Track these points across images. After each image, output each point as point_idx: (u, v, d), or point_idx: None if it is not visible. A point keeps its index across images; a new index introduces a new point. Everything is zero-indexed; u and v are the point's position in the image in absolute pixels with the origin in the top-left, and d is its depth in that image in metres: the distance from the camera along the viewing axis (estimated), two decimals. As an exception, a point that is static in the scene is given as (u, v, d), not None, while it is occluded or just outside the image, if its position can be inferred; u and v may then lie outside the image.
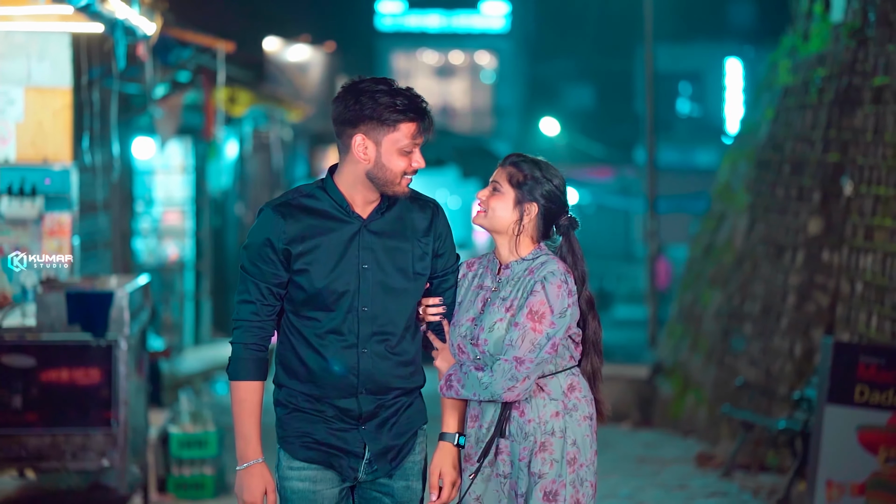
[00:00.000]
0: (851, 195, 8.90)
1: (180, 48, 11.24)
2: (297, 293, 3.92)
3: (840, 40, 9.72)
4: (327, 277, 3.90)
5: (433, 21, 43.09)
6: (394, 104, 3.87)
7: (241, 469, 3.94)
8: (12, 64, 8.71)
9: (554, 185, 3.97)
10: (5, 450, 6.82)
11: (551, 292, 3.86)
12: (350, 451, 3.96)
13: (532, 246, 4.00)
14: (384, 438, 3.98)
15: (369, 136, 3.89)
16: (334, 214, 3.95)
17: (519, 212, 3.97)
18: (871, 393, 7.29)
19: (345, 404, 3.94)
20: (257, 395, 3.94)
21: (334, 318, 3.92)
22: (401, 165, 3.91)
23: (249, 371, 3.93)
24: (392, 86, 3.90)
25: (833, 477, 7.32)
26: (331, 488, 3.98)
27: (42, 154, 8.74)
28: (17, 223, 8.45)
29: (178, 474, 8.69)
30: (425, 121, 3.92)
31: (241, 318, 3.94)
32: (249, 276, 3.94)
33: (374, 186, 3.94)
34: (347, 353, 3.93)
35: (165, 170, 15.48)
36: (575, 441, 3.88)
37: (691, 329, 12.64)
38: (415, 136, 3.90)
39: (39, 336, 6.94)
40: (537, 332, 3.84)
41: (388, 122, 3.87)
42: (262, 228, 3.94)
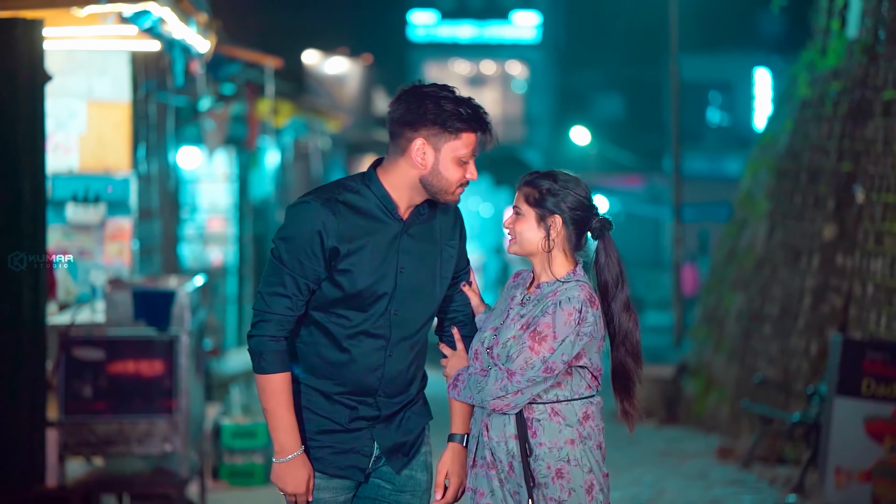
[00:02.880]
0: (863, 202, 9.41)
1: (228, 63, 11.85)
2: (334, 292, 3.84)
3: (853, 56, 10.23)
4: (368, 279, 3.83)
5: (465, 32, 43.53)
6: (458, 112, 3.80)
7: (282, 462, 3.86)
8: (75, 79, 9.35)
9: (572, 192, 3.90)
10: (77, 436, 7.37)
11: (559, 318, 3.79)
12: (359, 450, 3.93)
13: (567, 263, 3.94)
14: (394, 436, 3.96)
15: (429, 141, 3.82)
16: (378, 215, 3.87)
17: (544, 228, 3.90)
18: (877, 386, 7.82)
19: (362, 404, 3.91)
20: (290, 386, 3.86)
21: (367, 319, 3.86)
22: (456, 175, 3.85)
23: (283, 363, 3.84)
24: (456, 93, 3.84)
25: (842, 464, 7.84)
26: (343, 495, 3.96)
27: (103, 164, 9.36)
28: (81, 228, 9.09)
29: (230, 463, 9.29)
30: (486, 133, 3.86)
31: (274, 312, 3.82)
32: (287, 269, 3.81)
33: (425, 192, 3.88)
34: (376, 354, 3.89)
35: (210, 178, 16.12)
36: (591, 469, 3.87)
37: (714, 331, 13.19)
38: (474, 147, 3.84)
39: (108, 331, 7.52)
40: (534, 351, 3.78)
41: (452, 129, 3.80)
42: (308, 222, 3.80)
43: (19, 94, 6.90)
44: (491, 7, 43.57)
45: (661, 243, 40.38)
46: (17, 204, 6.86)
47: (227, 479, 9.27)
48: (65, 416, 7.33)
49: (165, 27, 8.30)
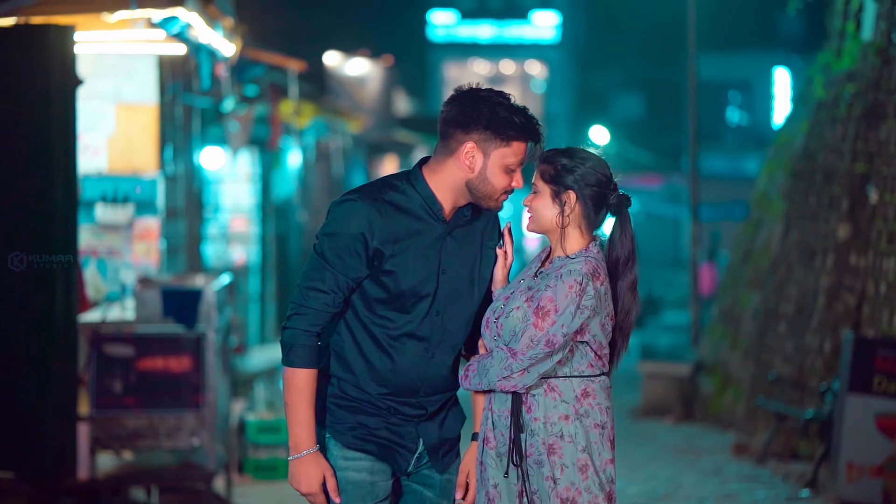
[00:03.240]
0: (876, 203, 9.56)
1: (252, 65, 12.06)
2: (378, 292, 3.82)
3: (868, 58, 10.38)
4: (412, 280, 3.82)
5: (485, 32, 43.70)
6: (512, 120, 3.78)
7: (295, 458, 3.81)
8: (104, 82, 9.57)
9: (588, 167, 3.84)
10: (107, 430, 7.59)
11: (560, 290, 3.75)
12: (404, 444, 3.90)
13: (581, 240, 3.88)
14: (438, 433, 3.94)
15: (480, 145, 3.80)
16: (422, 215, 3.85)
17: (558, 204, 3.85)
18: (888, 383, 7.98)
19: (405, 404, 3.88)
20: (315, 383, 3.82)
21: (410, 320, 3.84)
22: (503, 182, 3.83)
23: (312, 359, 3.80)
24: (512, 101, 3.82)
25: (853, 460, 8.01)
26: (385, 480, 3.91)
27: (131, 165, 9.58)
28: (110, 228, 9.31)
29: (255, 457, 9.50)
30: (537, 144, 3.85)
31: (311, 307, 3.79)
32: (329, 265, 3.79)
33: (469, 196, 3.86)
34: (419, 356, 3.87)
35: (233, 178, 16.34)
36: (585, 448, 3.79)
37: (731, 329, 13.35)
38: (523, 156, 3.83)
39: (137, 328, 7.74)
40: (538, 328, 3.74)
41: (503, 136, 3.78)
42: (353, 220, 3.79)
43: (52, 97, 7.11)
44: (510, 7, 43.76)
45: (679, 242, 40.46)
46: (49, 205, 7.07)
47: (252, 473, 9.48)
48: (96, 411, 7.56)
49: (192, 32, 8.51)
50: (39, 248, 6.99)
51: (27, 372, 7.02)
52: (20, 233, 6.99)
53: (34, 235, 7.02)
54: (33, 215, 7.04)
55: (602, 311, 3.82)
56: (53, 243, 7.07)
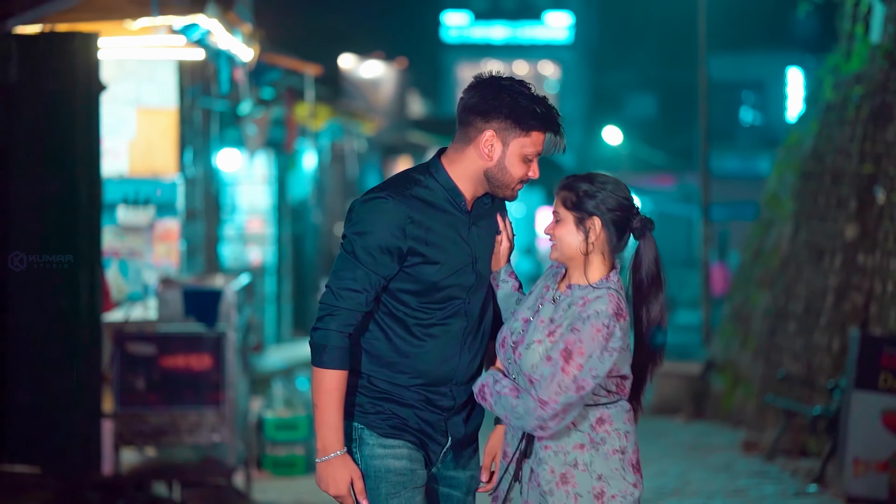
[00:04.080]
0: (884, 203, 9.72)
1: (269, 69, 12.26)
2: (410, 286, 3.80)
3: (876, 61, 10.52)
4: (442, 272, 3.80)
5: (498, 33, 43.83)
6: (533, 109, 3.76)
7: (324, 461, 3.77)
8: (125, 87, 9.77)
9: (608, 191, 3.76)
10: (131, 427, 7.80)
11: (587, 333, 3.66)
12: (434, 437, 3.88)
13: (603, 267, 3.80)
14: (464, 428, 3.93)
15: (499, 134, 3.78)
16: (447, 207, 3.84)
17: (583, 231, 3.77)
18: (893, 380, 8.14)
19: (438, 393, 3.86)
20: (345, 385, 3.78)
21: (443, 312, 3.83)
22: (520, 172, 3.82)
23: (344, 360, 3.76)
24: (532, 90, 3.80)
25: (860, 455, 8.16)
26: (422, 469, 3.87)
27: (151, 168, 9.78)
28: (131, 230, 9.51)
29: (273, 454, 9.70)
30: (557, 135, 3.82)
31: (343, 307, 3.75)
32: (362, 265, 3.75)
33: (487, 185, 3.85)
34: (453, 344, 3.86)
35: (249, 180, 16.55)
36: (601, 476, 3.71)
37: (741, 328, 13.52)
38: (542, 147, 3.81)
39: (159, 327, 7.93)
40: (565, 373, 3.64)
41: (524, 126, 3.77)
42: (385, 218, 3.76)
43: (77, 103, 7.31)
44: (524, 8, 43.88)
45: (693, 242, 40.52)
46: (74, 207, 7.26)
47: (271, 469, 9.67)
48: (119, 408, 7.76)
49: (212, 38, 8.71)
50: (64, 250, 7.18)
51: (53, 370, 7.22)
52: (46, 234, 7.19)
53: (59, 237, 7.21)
54: (59, 217, 7.23)
55: (626, 347, 3.75)
56: (78, 245, 7.27)
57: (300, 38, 16.84)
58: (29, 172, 7.18)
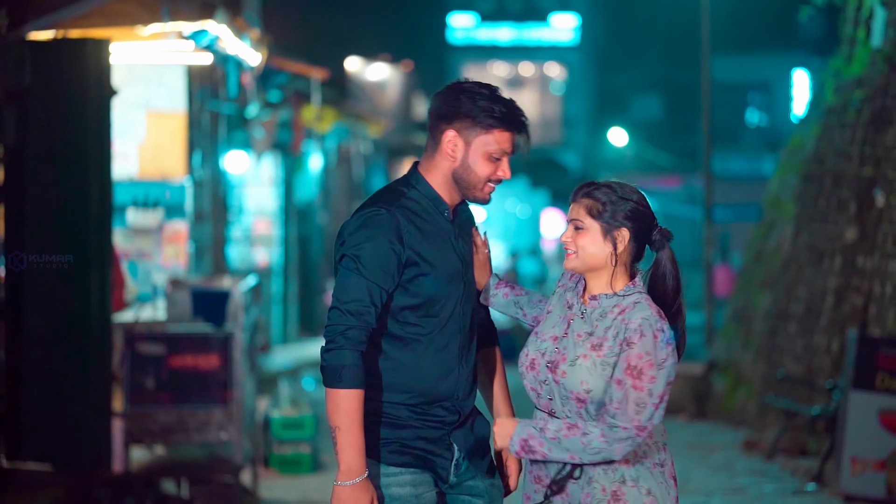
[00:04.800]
0: (883, 206, 9.84)
1: (276, 73, 12.41)
2: (406, 300, 3.77)
3: (876, 65, 10.65)
4: (438, 283, 3.80)
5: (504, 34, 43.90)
6: (492, 108, 3.78)
7: (346, 485, 3.67)
8: (134, 91, 9.92)
9: (635, 202, 3.71)
10: (140, 425, 7.93)
11: (649, 344, 3.58)
12: (439, 453, 3.83)
13: (625, 276, 3.74)
14: (471, 436, 3.89)
15: (461, 134, 3.80)
16: (433, 217, 3.84)
17: (611, 242, 3.70)
18: (891, 380, 8.28)
19: (441, 408, 3.83)
20: (363, 404, 3.71)
21: (438, 323, 3.80)
22: (486, 171, 3.81)
23: (360, 379, 3.69)
24: (495, 92, 3.82)
25: (857, 454, 8.29)
26: (430, 491, 3.82)
27: (160, 170, 9.93)
28: (141, 232, 9.66)
29: (279, 452, 9.84)
30: (521, 134, 3.84)
31: (356, 324, 3.70)
32: (366, 279, 3.70)
33: (457, 188, 3.85)
34: (453, 357, 3.83)
35: (256, 182, 16.70)
36: (650, 490, 3.67)
37: (743, 329, 13.65)
38: (507, 146, 3.80)
39: (168, 327, 8.08)
40: (639, 389, 3.56)
41: (483, 124, 3.78)
42: (384, 231, 3.74)
43: (88, 107, 7.45)
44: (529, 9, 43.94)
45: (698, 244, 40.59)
46: (85, 209, 7.40)
47: (277, 467, 9.81)
48: (129, 407, 7.89)
49: (221, 43, 8.85)
50: (76, 251, 7.32)
51: (64, 370, 7.35)
52: (58, 236, 7.33)
53: (71, 238, 7.35)
54: (70, 219, 7.37)
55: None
56: (89, 246, 7.41)
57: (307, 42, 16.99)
58: (41, 175, 7.32)
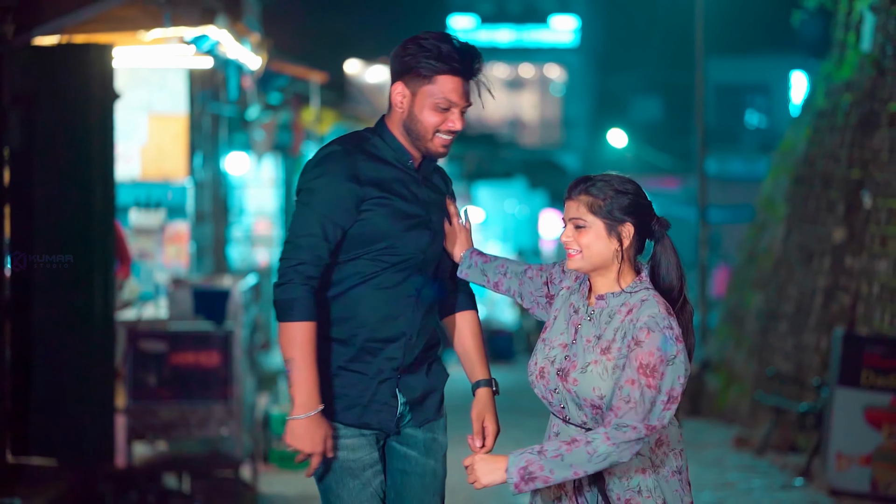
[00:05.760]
0: (870, 208, 10.03)
1: (276, 76, 12.59)
2: (366, 234, 3.76)
3: (865, 69, 10.84)
4: (396, 224, 3.78)
5: (504, 36, 44.01)
6: (435, 57, 3.72)
7: (300, 418, 3.69)
8: (137, 94, 10.10)
9: (633, 194, 3.60)
10: (142, 421, 8.11)
11: (657, 341, 3.47)
12: (385, 401, 3.83)
13: (631, 271, 3.64)
14: (420, 386, 3.89)
15: (408, 85, 3.77)
16: (395, 163, 3.84)
17: (616, 238, 3.58)
18: (875, 377, 8.48)
19: (391, 352, 3.81)
20: (315, 336, 3.72)
21: (396, 265, 3.80)
22: (432, 120, 3.77)
23: (312, 312, 3.71)
24: (443, 39, 3.74)
25: (843, 450, 8.49)
26: (369, 453, 3.84)
27: (162, 172, 10.12)
28: (143, 232, 9.84)
29: (279, 448, 10.02)
30: (467, 79, 3.77)
31: (305, 259, 3.71)
32: (319, 213, 3.72)
33: (409, 140, 3.83)
34: (406, 300, 3.82)
35: (257, 183, 16.88)
36: (665, 500, 3.59)
37: (735, 328, 13.86)
38: (451, 92, 3.76)
39: (170, 325, 8.26)
40: (651, 388, 3.47)
41: (425, 71, 3.73)
42: (339, 166, 3.75)
43: (92, 111, 7.61)
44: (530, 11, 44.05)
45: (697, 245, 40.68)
46: (89, 210, 7.57)
47: (277, 462, 9.99)
48: (132, 403, 8.08)
49: (221, 48, 9.04)
50: (80, 251, 7.48)
51: (68, 367, 7.48)
52: (63, 236, 7.50)
53: (75, 239, 7.51)
54: (74, 220, 7.54)
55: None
56: (93, 246, 7.57)
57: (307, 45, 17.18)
58: (47, 177, 7.48)
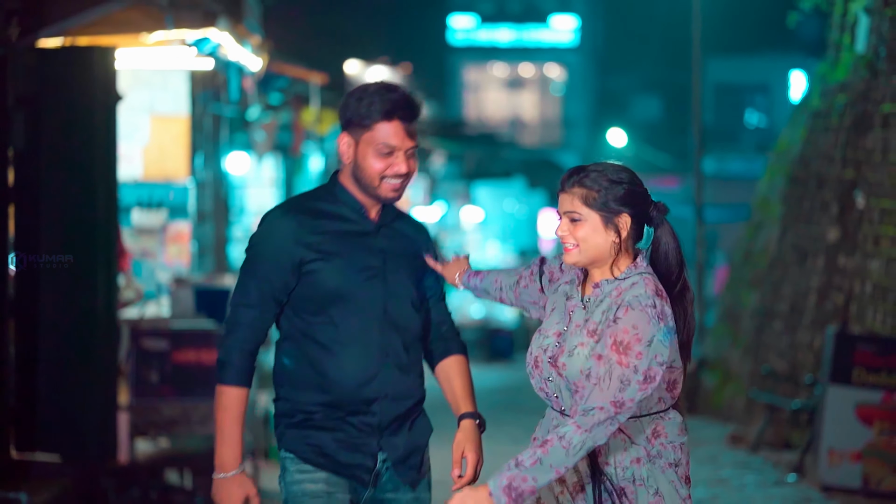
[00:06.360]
0: (863, 208, 10.16)
1: (277, 77, 12.71)
2: (313, 294, 3.78)
3: (859, 70, 10.97)
4: (344, 280, 3.78)
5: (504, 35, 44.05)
6: (368, 105, 3.76)
7: (220, 478, 3.79)
8: (139, 95, 10.20)
9: (628, 183, 3.54)
10: (145, 418, 8.21)
11: (636, 318, 3.41)
12: (358, 462, 3.83)
13: (628, 258, 3.59)
14: (403, 445, 3.87)
15: (352, 135, 3.80)
16: (349, 216, 3.84)
17: (613, 230, 3.53)
18: (867, 375, 8.61)
19: (363, 415, 3.81)
20: (245, 402, 3.80)
21: (354, 324, 3.79)
22: (377, 167, 3.78)
23: (243, 378, 3.79)
24: (380, 87, 3.80)
25: (835, 446, 8.62)
26: (343, 493, 3.83)
27: (164, 172, 10.22)
28: (145, 232, 9.95)
29: (279, 445, 10.13)
30: (405, 123, 3.79)
31: (241, 323, 3.78)
32: (255, 279, 3.77)
33: (359, 187, 3.83)
34: (368, 361, 3.80)
35: (257, 183, 17.00)
36: (658, 490, 3.53)
37: (732, 327, 13.99)
38: (391, 137, 3.78)
39: (172, 323, 8.36)
40: (624, 365, 3.39)
41: (364, 121, 3.76)
42: (275, 232, 3.79)
43: (95, 113, 7.70)
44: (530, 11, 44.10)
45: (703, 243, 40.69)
46: (92, 210, 7.68)
47: (277, 459, 10.10)
48: (134, 400, 8.17)
49: (223, 50, 9.14)
50: (83, 250, 7.58)
51: (72, 364, 7.54)
52: (66, 236, 7.61)
53: (79, 238, 7.62)
54: (78, 219, 7.64)
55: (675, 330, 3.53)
56: (96, 245, 7.68)
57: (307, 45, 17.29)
58: (51, 177, 7.58)
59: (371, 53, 21.97)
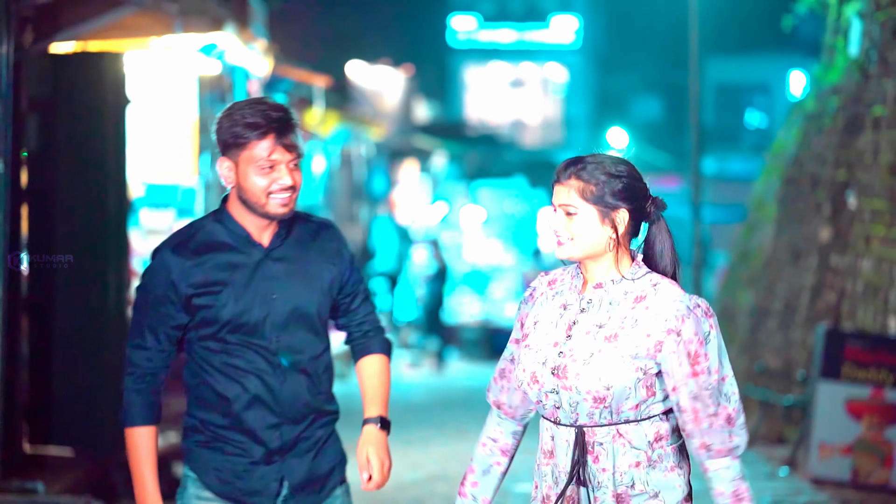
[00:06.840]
0: (855, 208, 10.38)
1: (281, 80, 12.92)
2: (206, 328, 3.73)
3: (852, 73, 11.19)
4: (235, 310, 3.72)
5: (505, 36, 44.19)
6: (241, 122, 3.64)
7: None
8: (148, 98, 10.42)
9: (626, 176, 3.39)
10: (153, 412, 8.41)
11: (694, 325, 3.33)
12: (264, 490, 3.79)
13: (628, 257, 3.44)
14: (305, 470, 3.82)
15: (230, 158, 3.69)
16: (235, 246, 3.75)
17: (610, 225, 3.37)
18: (856, 371, 8.84)
19: (263, 436, 3.76)
20: (152, 439, 3.78)
21: (249, 352, 3.74)
22: (261, 184, 3.66)
23: (143, 417, 3.77)
24: (249, 102, 3.70)
25: (825, 440, 8.85)
26: None
27: (172, 173, 10.44)
28: (153, 231, 10.17)
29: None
30: (281, 136, 3.66)
31: (135, 364, 3.76)
32: (145, 319, 3.74)
33: (248, 208, 3.73)
34: (264, 383, 3.75)
35: (261, 183, 17.20)
36: (658, 493, 3.39)
37: (728, 325, 14.20)
38: (269, 151, 3.66)
39: (180, 320, 8.53)
40: (703, 373, 3.36)
41: (240, 140, 3.65)
42: (160, 271, 3.73)
43: (106, 116, 7.92)
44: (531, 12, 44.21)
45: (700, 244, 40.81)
46: (104, 211, 7.89)
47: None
48: (144, 395, 8.37)
49: (229, 54, 9.37)
50: (95, 250, 7.78)
51: (84, 360, 7.74)
52: (79, 236, 7.80)
53: (91, 238, 7.82)
54: (90, 220, 7.84)
55: None
56: (107, 246, 7.89)
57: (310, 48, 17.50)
58: (64, 179, 7.79)
59: (373, 55, 22.18)
